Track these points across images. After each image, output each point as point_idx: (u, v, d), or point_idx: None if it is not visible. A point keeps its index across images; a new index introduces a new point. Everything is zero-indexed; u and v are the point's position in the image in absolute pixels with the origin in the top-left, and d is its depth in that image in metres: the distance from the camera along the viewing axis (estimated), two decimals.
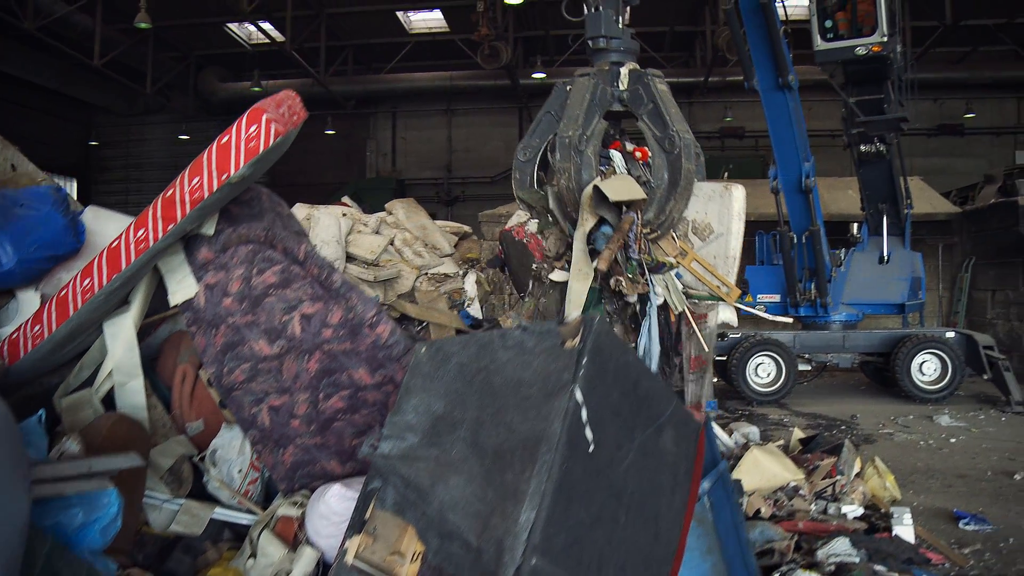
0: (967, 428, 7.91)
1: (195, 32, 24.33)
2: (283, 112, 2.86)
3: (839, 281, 9.77)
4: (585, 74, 5.65)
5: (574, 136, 5.31)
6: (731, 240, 5.50)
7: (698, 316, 5.47)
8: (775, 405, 9.37)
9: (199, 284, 2.93)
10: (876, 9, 8.79)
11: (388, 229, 13.19)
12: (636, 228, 5.22)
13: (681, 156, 5.23)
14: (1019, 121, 26.79)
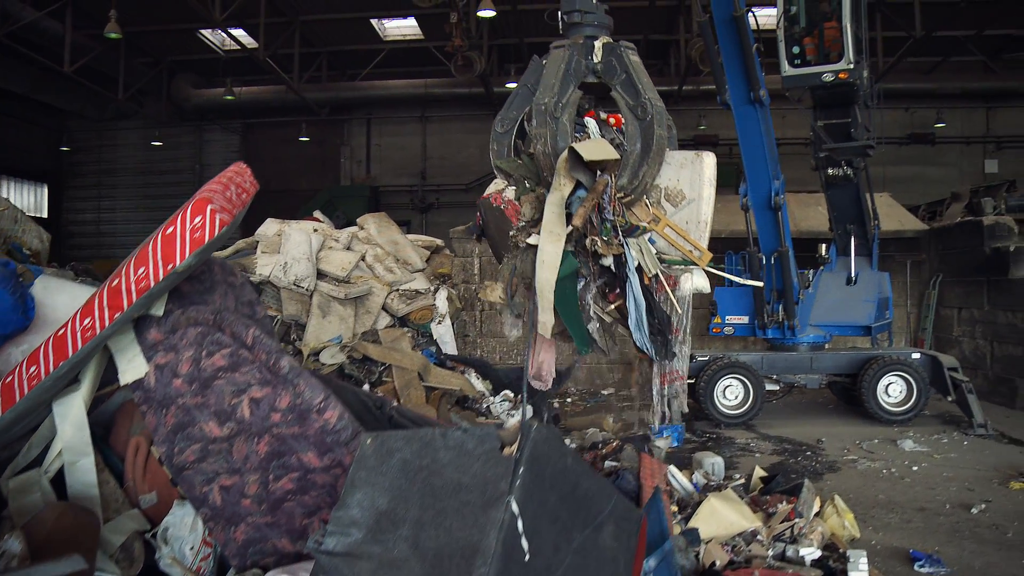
0: (929, 454, 8.00)
1: (168, 38, 24.15)
2: (230, 195, 2.87)
3: (807, 303, 9.81)
4: (560, 46, 5.71)
5: (550, 103, 5.37)
6: (703, 205, 5.60)
7: (670, 281, 5.56)
8: (743, 427, 9.42)
9: (149, 364, 2.94)
10: (842, 36, 8.84)
11: (359, 244, 13.19)
12: (610, 190, 5.29)
13: (653, 122, 5.30)
14: (988, 131, 27.06)
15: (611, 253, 5.31)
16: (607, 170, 5.30)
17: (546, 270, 5.17)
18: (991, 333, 11.04)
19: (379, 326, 11.95)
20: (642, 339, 5.41)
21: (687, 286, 5.60)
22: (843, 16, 8.84)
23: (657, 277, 5.39)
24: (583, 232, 5.28)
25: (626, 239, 5.34)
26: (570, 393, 12.14)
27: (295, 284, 11.67)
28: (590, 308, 5.59)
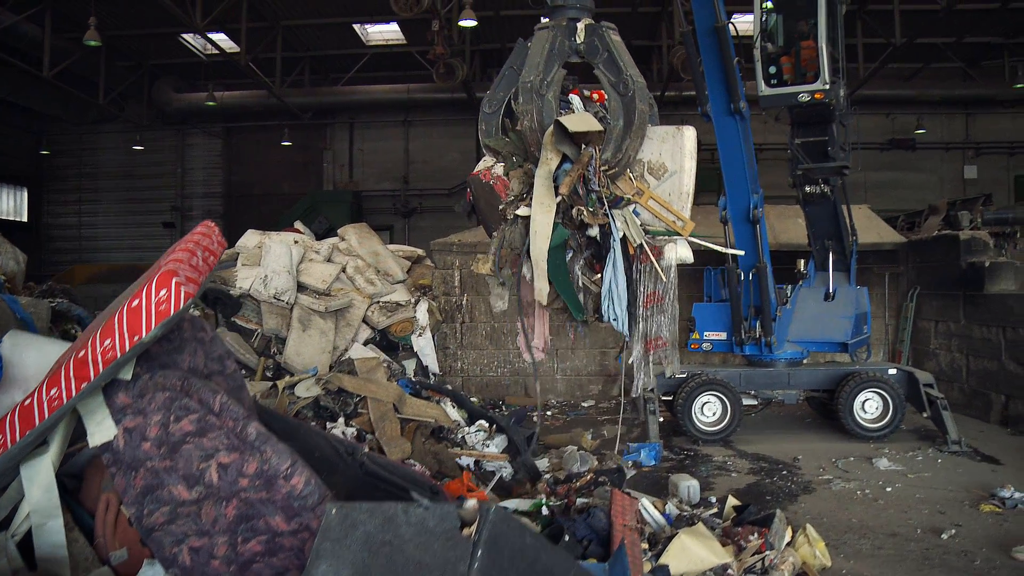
0: (904, 473, 8.07)
1: (149, 41, 24.04)
2: (196, 262, 2.88)
3: (784, 319, 9.87)
4: (544, 27, 5.96)
5: (535, 81, 5.60)
6: (684, 177, 5.85)
7: (655, 251, 5.75)
8: (721, 444, 9.48)
9: (118, 427, 2.96)
10: (818, 56, 8.90)
11: (340, 256, 13.20)
12: (595, 162, 5.54)
13: (635, 98, 5.54)
14: (967, 136, 27.29)
15: (596, 223, 5.61)
16: (592, 143, 5.56)
17: (539, 240, 5.43)
18: (967, 347, 11.14)
19: (359, 339, 12.00)
20: (610, 309, 5.69)
21: (671, 255, 5.77)
22: (819, 36, 8.90)
23: (642, 247, 5.64)
24: (570, 203, 5.59)
25: (611, 210, 5.61)
26: (550, 406, 12.18)
27: (275, 298, 11.68)
28: (579, 279, 5.88)
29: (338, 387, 5.92)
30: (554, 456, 8.55)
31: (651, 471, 8.33)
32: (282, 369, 11.25)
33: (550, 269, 5.56)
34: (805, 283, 10.34)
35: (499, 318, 12.66)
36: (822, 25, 8.91)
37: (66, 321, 7.29)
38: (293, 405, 5.75)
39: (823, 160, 9.42)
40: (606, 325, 6.08)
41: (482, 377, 12.69)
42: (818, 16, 8.91)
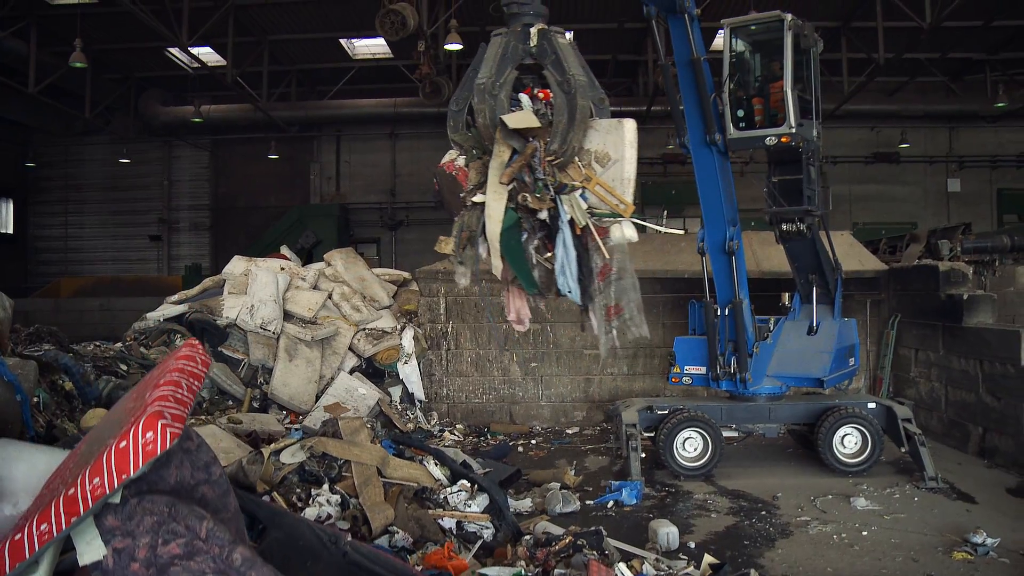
0: (881, 514, 8.19)
1: (135, 55, 24.08)
2: (181, 395, 2.97)
3: (764, 354, 9.95)
4: (499, 33, 6.53)
5: (488, 82, 6.23)
6: (625, 165, 6.34)
7: (601, 231, 6.33)
8: (702, 479, 9.59)
9: (107, 547, 3.03)
10: (784, 100, 8.98)
11: (326, 282, 13.29)
12: (539, 154, 6.15)
13: (576, 95, 6.06)
14: (951, 150, 27.58)
15: (541, 207, 6.21)
16: (537, 137, 6.17)
17: (492, 223, 6.16)
18: (946, 377, 11.29)
19: (346, 367, 12.10)
20: (565, 282, 6.30)
21: (616, 235, 6.38)
22: (785, 81, 8.98)
23: (588, 227, 6.23)
24: (519, 190, 6.22)
25: (559, 196, 6.21)
26: (535, 433, 12.29)
27: (262, 327, 11.77)
28: (533, 257, 6.45)
29: (323, 452, 6.02)
30: (537, 495, 8.65)
31: (632, 511, 8.42)
32: (269, 400, 11.35)
33: (504, 249, 6.29)
34: (789, 317, 10.42)
35: (484, 345, 12.77)
36: (788, 70, 8.98)
37: (53, 372, 7.36)
38: (279, 471, 5.84)
39: (798, 199, 9.50)
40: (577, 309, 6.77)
41: (467, 403, 12.79)
42: (784, 61, 8.99)
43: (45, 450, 3.98)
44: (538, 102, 6.48)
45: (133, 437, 2.77)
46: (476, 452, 10.90)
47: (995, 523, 7.75)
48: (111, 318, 22.50)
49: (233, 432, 9.66)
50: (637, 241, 6.44)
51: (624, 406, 10.20)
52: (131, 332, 11.87)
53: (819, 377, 9.98)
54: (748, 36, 9.41)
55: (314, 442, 6.17)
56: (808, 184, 9.51)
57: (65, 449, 3.91)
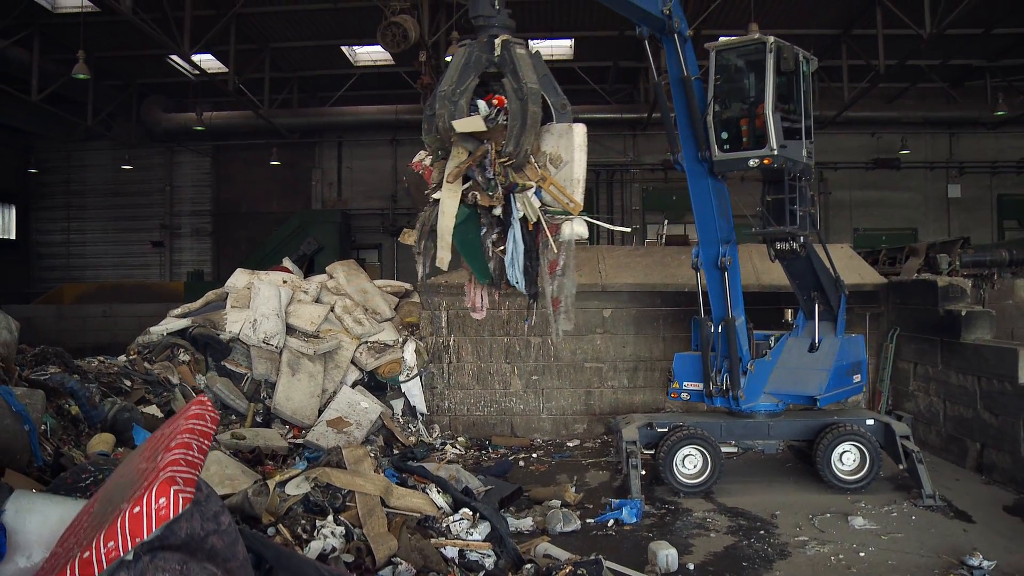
0: (878, 533, 8.25)
1: (137, 62, 24.16)
2: (192, 456, 3.04)
3: (761, 371, 10.00)
4: (463, 44, 7.01)
5: (448, 90, 6.70)
6: (574, 167, 6.87)
7: (553, 228, 6.88)
8: (701, 496, 9.65)
9: None
10: (766, 124, 9.04)
11: (328, 295, 13.36)
12: (490, 155, 6.67)
13: (528, 102, 6.54)
14: (951, 156, 27.63)
15: (490, 204, 6.75)
16: (489, 140, 6.73)
17: (445, 218, 6.65)
18: (944, 392, 11.35)
19: (348, 381, 12.18)
20: (513, 273, 6.93)
21: (567, 231, 6.90)
22: (766, 104, 9.02)
23: (539, 224, 6.82)
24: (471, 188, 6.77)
25: (513, 194, 6.76)
26: (536, 446, 12.36)
27: (265, 342, 11.84)
28: (489, 250, 7.07)
29: (327, 482, 6.10)
30: (538, 513, 8.73)
31: (632, 529, 8.50)
32: (272, 414, 11.42)
33: (459, 241, 6.85)
34: (793, 333, 10.45)
35: (486, 358, 12.85)
36: (769, 92, 9.03)
37: (59, 396, 7.45)
38: (284, 503, 5.92)
39: (791, 219, 9.55)
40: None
41: (469, 416, 12.86)
42: (766, 84, 9.04)
43: (58, 501, 4.05)
44: (493, 108, 7.01)
45: (147, 503, 2.85)
46: (478, 466, 10.99)
47: (991, 544, 7.83)
48: (113, 324, 22.60)
49: (236, 448, 9.79)
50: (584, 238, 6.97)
51: (624, 422, 10.27)
52: (135, 346, 11.92)
53: (813, 395, 9.98)
54: (732, 59, 9.46)
55: (318, 473, 6.25)
56: (802, 204, 9.54)
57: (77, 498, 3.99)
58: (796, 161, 9.33)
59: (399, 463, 7.44)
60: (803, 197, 9.55)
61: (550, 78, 6.95)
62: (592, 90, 25.73)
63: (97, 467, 5.51)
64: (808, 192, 9.69)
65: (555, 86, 6.95)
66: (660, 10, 8.84)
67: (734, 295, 9.71)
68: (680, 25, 9.01)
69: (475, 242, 7.06)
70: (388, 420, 11.81)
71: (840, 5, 20.95)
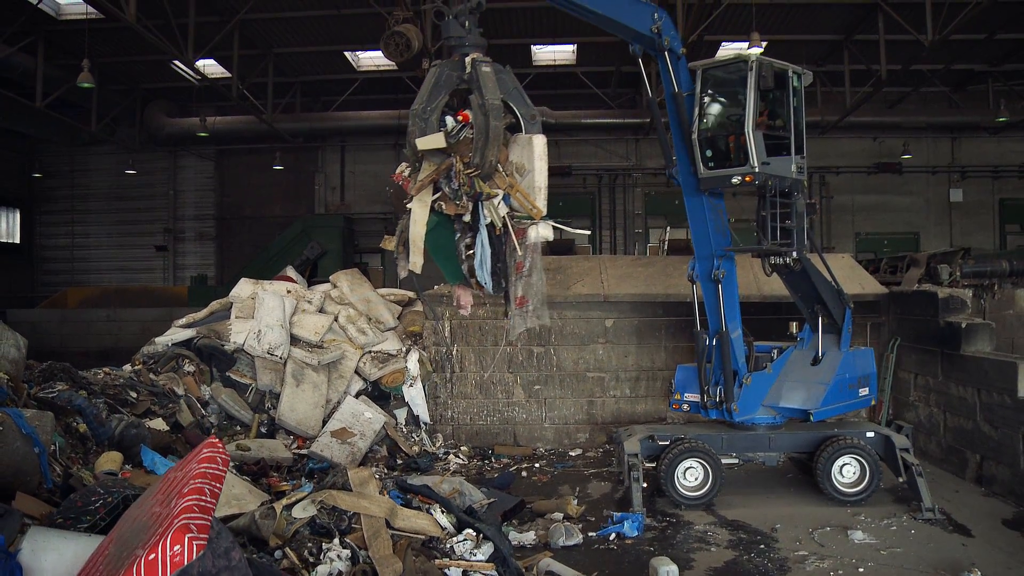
0: (877, 548, 8.30)
1: (141, 67, 24.25)
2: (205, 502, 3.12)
3: (759, 384, 10.02)
4: (436, 64, 7.45)
5: (419, 108, 7.20)
6: (536, 175, 7.37)
7: (519, 232, 7.41)
8: (702, 509, 9.71)
9: None
10: (746, 143, 9.08)
11: (332, 304, 13.45)
12: (455, 168, 7.19)
13: (490, 116, 6.95)
14: (953, 160, 27.67)
15: (456, 212, 7.33)
16: (455, 153, 7.22)
17: (416, 226, 7.26)
18: (944, 403, 11.41)
19: (351, 390, 12.26)
20: (482, 275, 7.48)
21: (533, 235, 7.44)
22: (747, 122, 9.07)
23: (505, 229, 7.36)
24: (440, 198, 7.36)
25: (481, 202, 7.28)
26: (539, 456, 12.43)
27: (269, 353, 11.92)
28: (463, 253, 7.60)
29: (333, 505, 6.18)
30: (540, 527, 8.80)
31: (634, 543, 8.56)
32: (276, 425, 11.50)
33: (431, 247, 7.46)
34: (799, 346, 10.48)
35: (488, 368, 12.91)
36: (750, 110, 9.07)
37: (67, 415, 7.53)
38: (291, 526, 5.99)
39: (774, 235, 9.59)
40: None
41: (472, 425, 12.94)
42: (747, 101, 9.08)
43: (72, 538, 4.13)
44: (458, 123, 7.42)
45: (162, 550, 2.94)
46: (481, 476, 11.07)
47: (990, 559, 7.89)
48: (117, 329, 22.72)
49: (241, 460, 9.88)
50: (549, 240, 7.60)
51: (626, 434, 10.32)
52: (140, 356, 12.02)
53: (806, 409, 9.98)
54: (717, 77, 9.52)
55: (324, 496, 6.33)
56: (794, 218, 9.57)
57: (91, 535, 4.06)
58: (783, 177, 9.37)
59: (403, 483, 7.51)
60: (795, 212, 9.57)
61: (520, 91, 7.44)
62: (594, 95, 25.79)
63: (106, 489, 5.60)
64: (802, 206, 9.70)
65: (524, 99, 7.44)
66: (649, 28, 9.04)
67: (729, 308, 9.75)
68: (671, 43, 9.15)
69: (447, 247, 7.68)
70: (392, 430, 11.90)
71: (842, 11, 20.99)
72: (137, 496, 5.51)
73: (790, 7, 20.48)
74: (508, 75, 7.47)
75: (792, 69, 9.56)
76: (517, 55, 24.09)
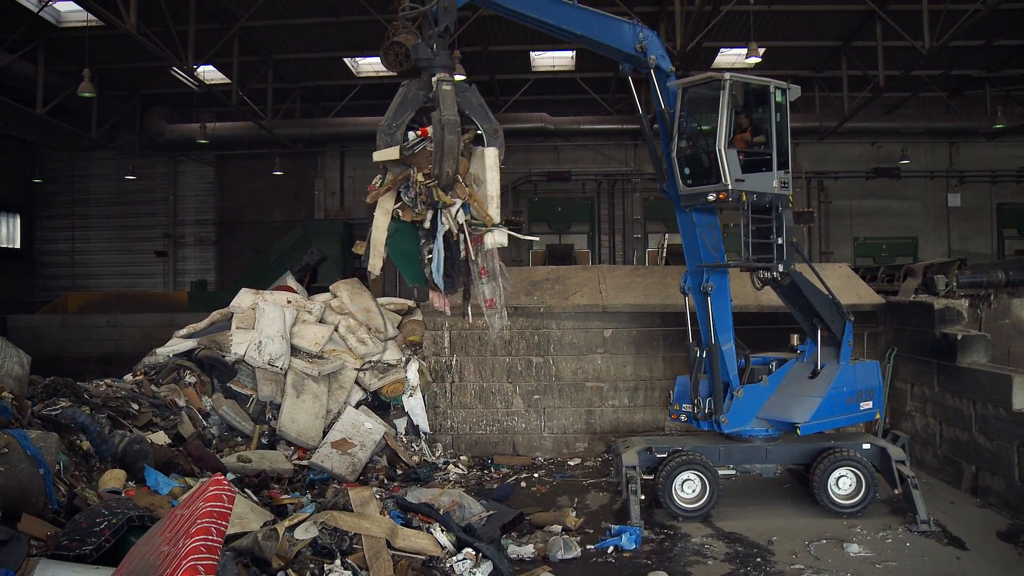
0: (873, 562, 8.36)
1: (141, 73, 24.33)
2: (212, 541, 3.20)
3: (753, 396, 10.06)
4: (404, 84, 8.05)
5: (385, 124, 7.96)
6: (488, 185, 8.13)
7: (476, 239, 8.10)
8: (700, 521, 9.78)
9: None
10: (719, 160, 9.14)
11: (332, 314, 13.51)
12: (411, 179, 7.92)
13: (445, 131, 7.60)
14: (951, 165, 27.77)
15: (412, 219, 8.08)
16: (413, 165, 7.93)
17: (378, 231, 8.16)
18: (940, 414, 11.47)
19: (352, 401, 12.33)
20: (437, 277, 8.08)
21: (489, 241, 8.16)
22: (718, 139, 9.12)
23: (462, 235, 8.02)
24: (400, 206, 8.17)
25: (439, 210, 7.91)
26: (538, 465, 12.50)
27: (270, 364, 11.99)
28: (425, 258, 8.16)
29: (334, 526, 6.26)
30: (539, 539, 8.87)
31: (632, 556, 8.63)
32: (277, 436, 11.57)
33: (392, 251, 8.22)
34: (802, 358, 10.52)
35: (488, 378, 13.00)
36: (722, 128, 9.10)
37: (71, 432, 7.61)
38: (293, 547, 6.07)
39: (760, 249, 9.65)
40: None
41: (471, 435, 13.02)
42: (719, 119, 9.12)
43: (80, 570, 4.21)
44: (417, 137, 8.10)
45: None
46: (480, 487, 11.14)
47: (984, 573, 7.98)
48: (118, 334, 22.79)
49: (243, 472, 9.95)
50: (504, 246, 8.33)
51: (624, 446, 10.39)
52: (141, 367, 12.09)
53: (794, 422, 9.98)
54: (695, 94, 9.58)
55: (326, 517, 6.40)
56: (778, 233, 9.62)
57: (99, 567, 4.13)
58: (762, 193, 9.42)
59: (403, 501, 7.58)
60: (783, 226, 9.62)
61: (483, 107, 8.22)
62: (593, 100, 25.89)
63: (111, 510, 5.67)
64: (789, 220, 9.73)
65: (487, 114, 8.22)
66: (633, 47, 9.26)
67: (720, 321, 9.80)
68: (657, 60, 9.30)
69: (408, 251, 8.34)
70: (392, 440, 11.97)
71: (840, 18, 21.08)
72: (141, 517, 5.61)
73: (788, 14, 20.57)
74: (473, 93, 8.19)
75: (774, 85, 9.57)
76: (516, 61, 24.19)
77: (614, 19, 9.46)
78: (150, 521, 5.54)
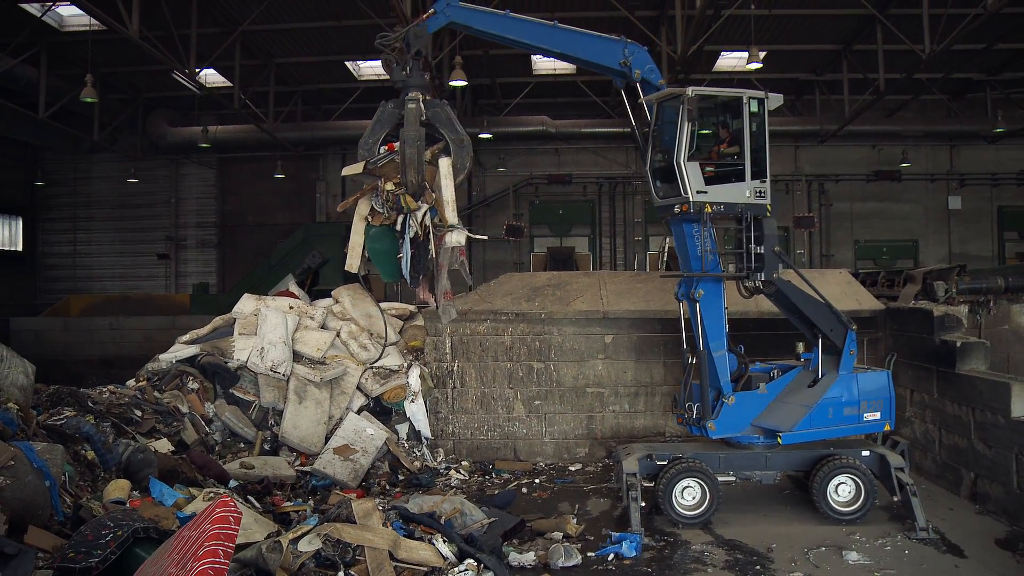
0: (871, 570, 8.40)
1: (143, 77, 24.39)
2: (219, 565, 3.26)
3: (747, 403, 10.07)
4: (383, 104, 9.05)
5: (363, 140, 9.13)
6: (443, 192, 8.96)
7: (440, 238, 8.97)
8: (700, 528, 9.82)
9: None
10: (678, 174, 9.19)
11: (334, 320, 13.57)
12: (379, 188, 9.00)
13: (406, 146, 8.56)
14: (952, 168, 27.82)
15: (382, 223, 9.09)
16: (382, 176, 9.04)
17: (355, 235, 9.31)
18: (939, 420, 11.51)
19: (354, 406, 12.38)
20: (406, 272, 9.09)
21: (449, 240, 9.00)
22: (677, 152, 9.15)
23: (427, 236, 8.89)
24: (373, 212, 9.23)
25: (407, 215, 8.84)
26: (539, 471, 12.55)
27: (272, 370, 12.05)
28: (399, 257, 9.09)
29: (337, 538, 6.32)
30: (540, 546, 8.91)
31: (632, 564, 8.67)
32: (279, 442, 11.63)
33: (370, 252, 9.35)
34: (808, 366, 10.54)
35: (489, 383, 13.05)
36: (683, 142, 9.10)
37: (75, 442, 7.67)
38: (297, 559, 6.13)
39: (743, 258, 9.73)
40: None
41: (473, 440, 13.07)
42: (678, 133, 9.14)
43: None
44: (386, 152, 9.13)
45: None
46: (481, 493, 11.19)
47: None
48: (120, 337, 22.85)
49: (245, 478, 10.02)
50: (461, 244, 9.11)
51: (625, 453, 10.43)
52: (144, 373, 12.15)
53: (776, 430, 9.96)
54: (668, 108, 9.61)
55: (329, 529, 6.46)
56: (763, 241, 9.65)
57: None
58: (732, 204, 9.47)
59: (405, 512, 7.64)
60: (764, 234, 9.62)
61: (452, 120, 9.09)
62: (594, 103, 25.96)
63: (116, 522, 5.73)
64: (772, 229, 9.76)
65: (455, 127, 9.06)
66: (618, 63, 9.50)
67: (711, 328, 9.82)
68: (644, 75, 9.46)
69: (388, 251, 9.28)
70: (394, 446, 12.02)
71: (841, 22, 21.15)
72: (147, 529, 5.66)
73: (789, 18, 20.63)
74: (442, 108, 9.07)
75: (748, 95, 9.57)
76: (518, 65, 24.25)
77: (596, 36, 9.59)
78: (155, 533, 5.60)
